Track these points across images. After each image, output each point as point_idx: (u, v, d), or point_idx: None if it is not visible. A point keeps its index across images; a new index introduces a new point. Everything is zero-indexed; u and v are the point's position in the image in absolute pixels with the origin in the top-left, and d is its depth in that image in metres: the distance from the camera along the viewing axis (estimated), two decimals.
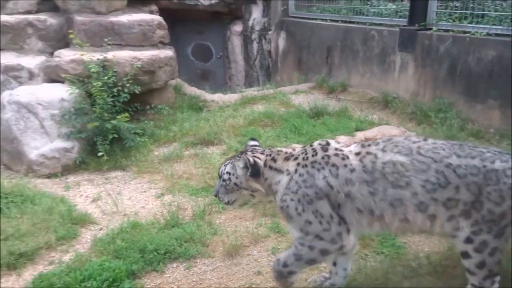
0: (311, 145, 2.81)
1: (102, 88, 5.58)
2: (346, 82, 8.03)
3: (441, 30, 6.63)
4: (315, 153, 2.72)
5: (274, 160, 2.82)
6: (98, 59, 5.89)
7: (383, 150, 2.61)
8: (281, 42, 9.66)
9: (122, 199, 4.57)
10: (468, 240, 2.52)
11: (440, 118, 6.05)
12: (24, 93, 5.79)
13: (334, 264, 2.96)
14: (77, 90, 5.70)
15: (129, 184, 5.02)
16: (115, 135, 5.52)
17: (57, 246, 3.73)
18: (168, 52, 6.92)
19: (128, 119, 5.63)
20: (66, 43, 6.75)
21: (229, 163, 2.92)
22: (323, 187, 2.60)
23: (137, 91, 6.01)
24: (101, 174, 5.31)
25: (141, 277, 3.28)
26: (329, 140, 2.82)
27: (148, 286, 3.19)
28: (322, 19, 8.84)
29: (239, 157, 2.87)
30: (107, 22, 6.65)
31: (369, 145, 2.69)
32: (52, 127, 5.62)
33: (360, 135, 5.98)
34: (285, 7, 9.54)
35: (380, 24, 7.71)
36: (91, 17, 6.69)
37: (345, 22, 8.36)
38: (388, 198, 2.53)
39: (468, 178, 2.46)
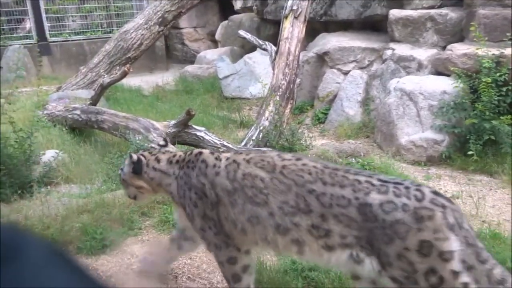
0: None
1: (491, 85, 5.19)
2: None
3: None
4: (190, 152, 2.65)
5: (157, 160, 2.71)
6: (493, 54, 5.48)
7: (248, 161, 2.41)
8: None
9: (484, 205, 4.18)
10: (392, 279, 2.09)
11: None
12: (410, 82, 6.17)
13: None
14: (461, 85, 5.54)
15: (495, 192, 4.56)
16: (492, 137, 5.08)
17: None
18: None
19: (511, 122, 5.04)
20: (460, 37, 6.64)
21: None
22: (197, 185, 2.48)
23: None
24: (465, 173, 5.05)
25: None
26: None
27: None
28: None
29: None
30: None
31: (240, 153, 2.55)
32: (427, 117, 5.76)
33: None
34: None
35: None
36: (496, 10, 6.24)
37: None
38: (246, 213, 2.34)
39: (334, 209, 2.11)
